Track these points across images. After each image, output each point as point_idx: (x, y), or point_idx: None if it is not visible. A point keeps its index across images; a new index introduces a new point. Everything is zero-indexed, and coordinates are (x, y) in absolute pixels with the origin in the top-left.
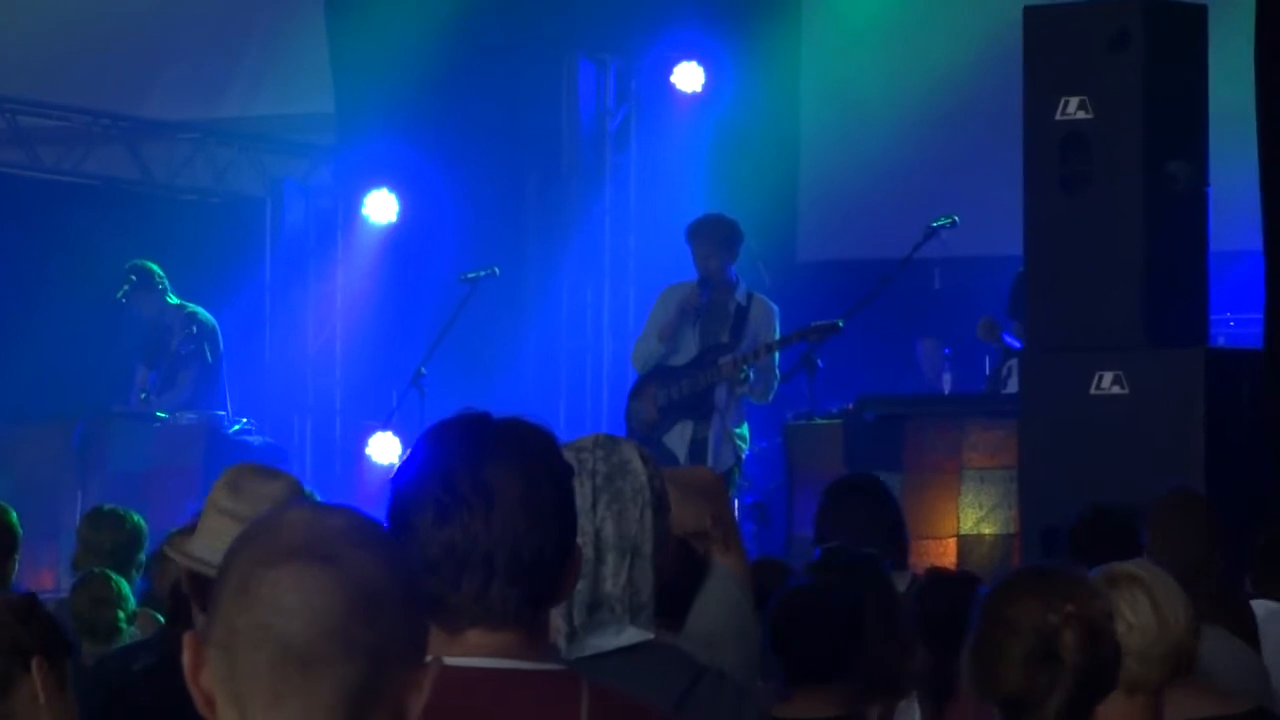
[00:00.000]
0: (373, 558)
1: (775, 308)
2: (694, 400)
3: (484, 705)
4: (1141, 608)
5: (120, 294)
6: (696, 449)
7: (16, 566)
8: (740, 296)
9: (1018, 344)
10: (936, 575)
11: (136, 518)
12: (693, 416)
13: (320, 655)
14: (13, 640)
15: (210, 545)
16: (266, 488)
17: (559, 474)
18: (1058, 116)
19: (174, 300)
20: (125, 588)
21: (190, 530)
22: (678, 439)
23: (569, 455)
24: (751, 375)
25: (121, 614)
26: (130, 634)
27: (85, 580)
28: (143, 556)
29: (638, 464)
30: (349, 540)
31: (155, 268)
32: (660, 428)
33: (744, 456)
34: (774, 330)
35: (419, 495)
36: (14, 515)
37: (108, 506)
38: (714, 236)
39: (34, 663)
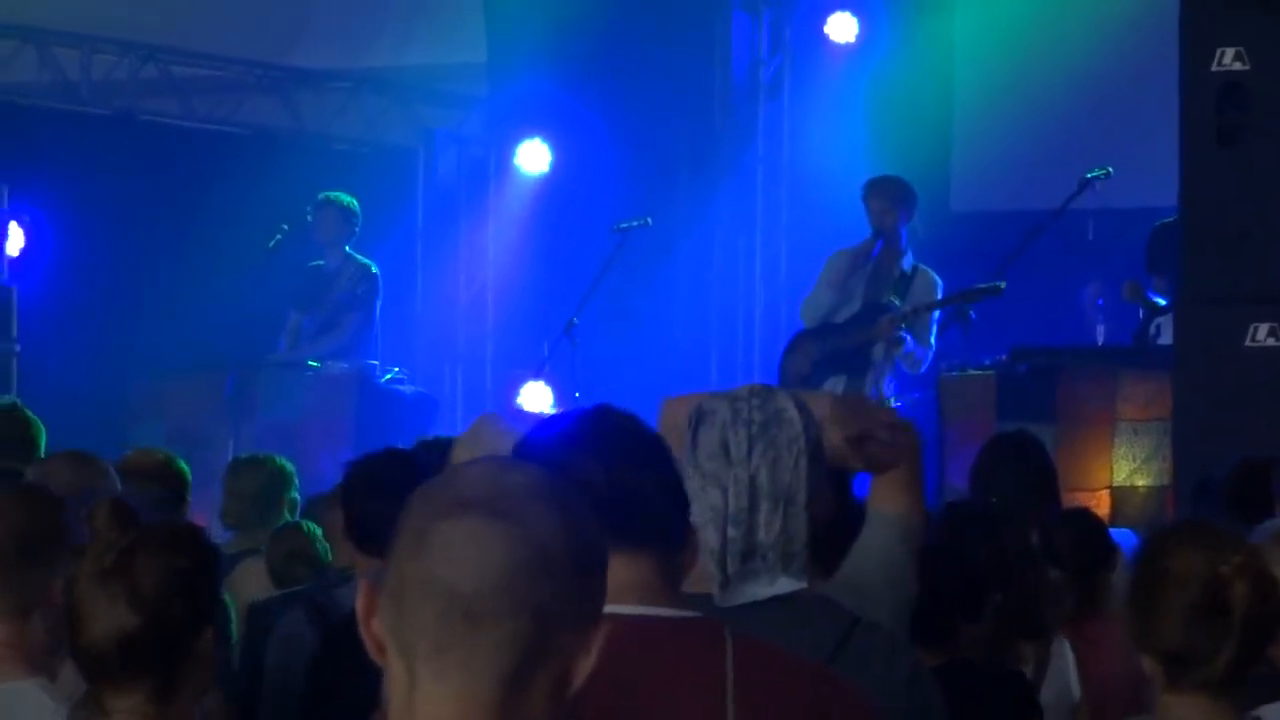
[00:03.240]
0: (550, 517)
1: (939, 280)
2: (849, 356)
3: (629, 653)
4: None
5: (281, 234)
6: None
7: (188, 512)
8: (906, 264)
9: (1162, 300)
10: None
11: (279, 460)
12: (846, 372)
13: (487, 610)
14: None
15: None
16: (505, 442)
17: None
18: (1214, 67)
19: (347, 248)
20: (321, 543)
21: None
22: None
23: (724, 404)
24: (909, 340)
25: (309, 569)
26: None
27: (279, 532)
28: (295, 495)
29: (793, 413)
30: (528, 497)
31: (355, 205)
32: (811, 383)
33: None
34: (932, 298)
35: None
36: (182, 463)
37: (247, 454)
38: (893, 194)
39: None
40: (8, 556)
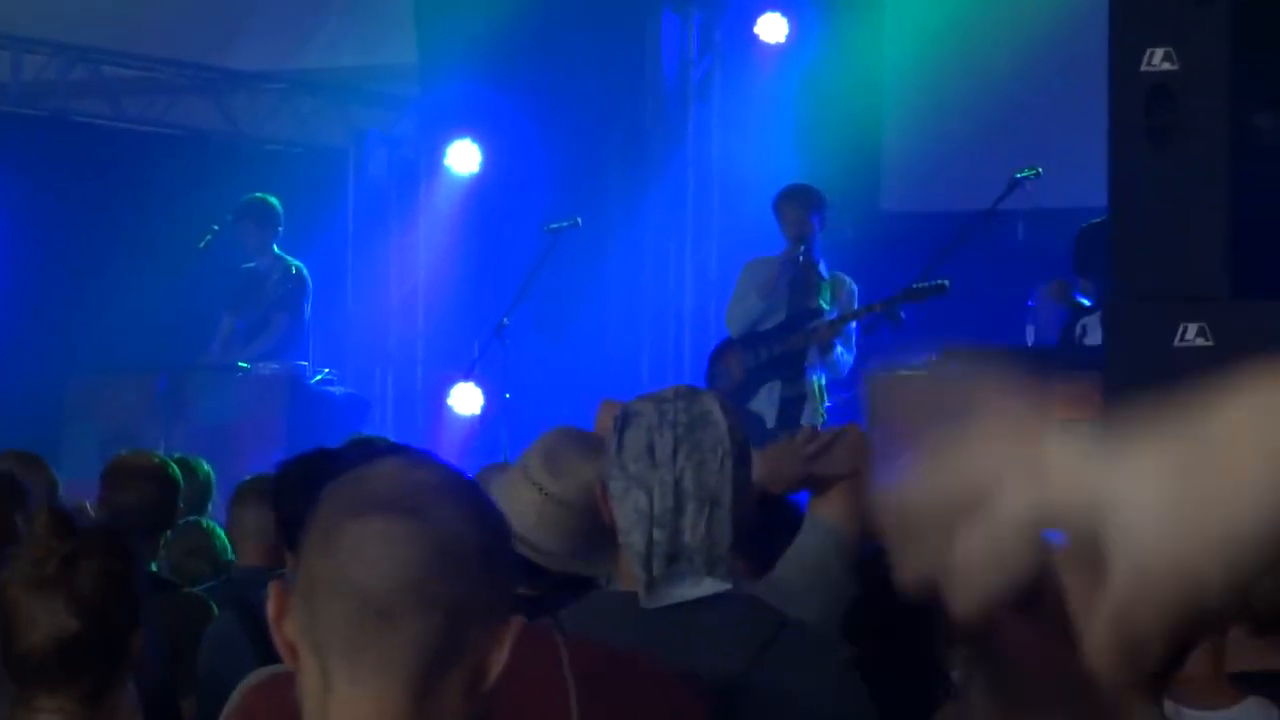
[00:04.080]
0: (458, 513)
1: (855, 285)
2: (784, 361)
3: None
4: None
5: (212, 235)
6: (788, 407)
7: (179, 516)
8: (823, 270)
9: (1089, 301)
10: None
11: (206, 467)
12: (780, 378)
13: (398, 608)
14: None
15: (510, 508)
16: (587, 470)
17: None
18: (1143, 68)
19: (276, 249)
20: (220, 540)
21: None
22: (764, 401)
23: (650, 406)
24: (838, 345)
25: (209, 566)
26: None
27: (182, 530)
28: (210, 506)
29: (718, 414)
30: (435, 494)
31: (276, 204)
32: (745, 391)
33: (824, 418)
34: (854, 304)
35: None
36: (174, 466)
37: (178, 455)
38: (808, 201)
39: None
40: None
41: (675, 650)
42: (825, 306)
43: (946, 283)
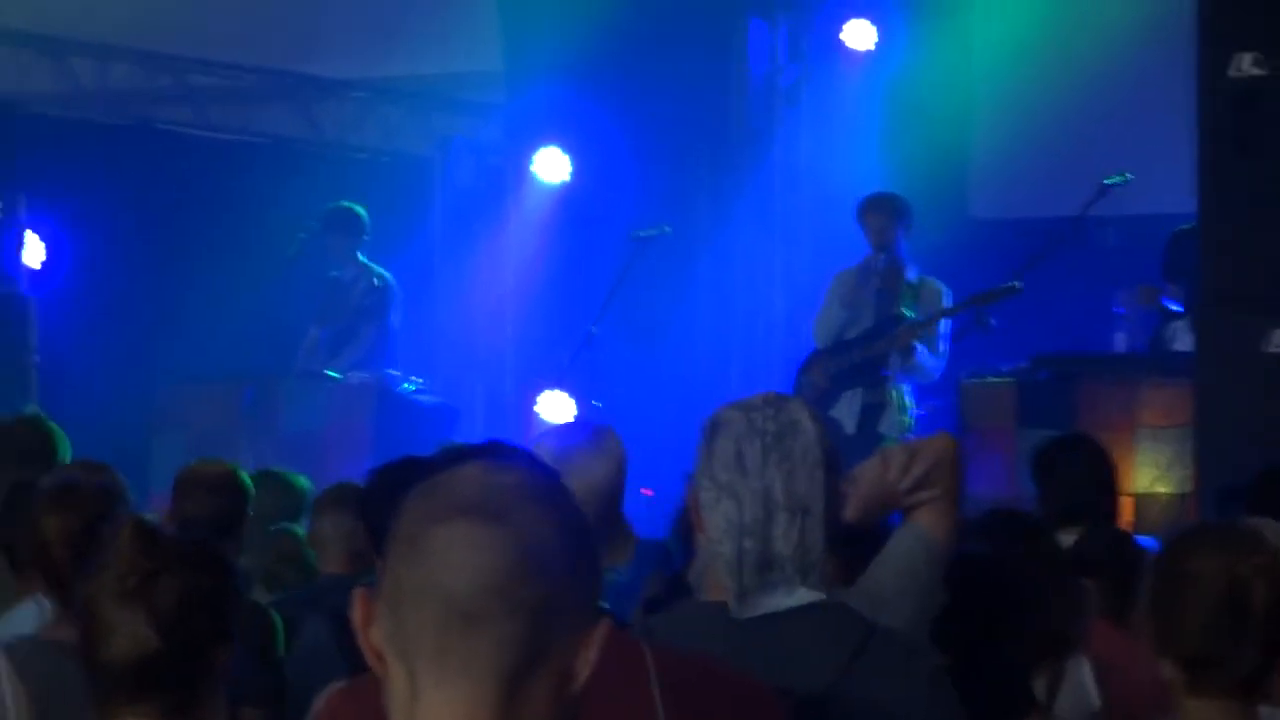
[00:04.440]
0: (542, 516)
1: (947, 289)
2: (865, 368)
3: None
4: None
5: (298, 243)
6: (868, 414)
7: (247, 527)
8: (912, 275)
9: (1178, 306)
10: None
11: (305, 481)
12: (863, 385)
13: (483, 612)
14: None
15: None
16: (595, 468)
17: None
18: (1231, 73)
19: (362, 257)
20: (307, 547)
21: None
22: (845, 408)
23: (739, 414)
24: (920, 350)
25: (300, 574)
26: None
27: (276, 535)
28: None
29: (807, 423)
30: (519, 498)
31: (362, 213)
32: (828, 398)
33: (911, 424)
34: (946, 306)
35: None
36: (245, 475)
37: (275, 469)
38: (889, 209)
39: None
40: None
41: (765, 661)
42: (909, 313)
43: (1019, 284)
